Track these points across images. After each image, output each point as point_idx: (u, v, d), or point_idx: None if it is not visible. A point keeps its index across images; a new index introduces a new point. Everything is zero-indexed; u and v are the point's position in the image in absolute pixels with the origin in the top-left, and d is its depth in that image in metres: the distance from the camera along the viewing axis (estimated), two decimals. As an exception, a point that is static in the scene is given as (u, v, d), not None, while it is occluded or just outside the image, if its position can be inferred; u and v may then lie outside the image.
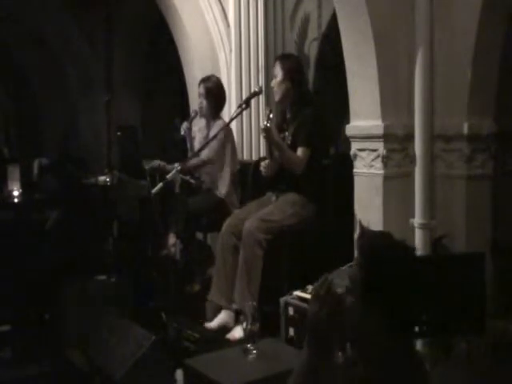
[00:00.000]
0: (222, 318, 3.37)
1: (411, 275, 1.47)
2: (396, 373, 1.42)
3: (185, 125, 4.11)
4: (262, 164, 3.54)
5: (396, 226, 3.02)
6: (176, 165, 3.25)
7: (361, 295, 1.45)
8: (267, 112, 3.31)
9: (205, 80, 4.07)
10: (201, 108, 4.05)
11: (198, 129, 4.19)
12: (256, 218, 3.29)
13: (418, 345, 2.70)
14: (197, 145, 4.09)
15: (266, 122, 3.25)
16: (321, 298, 1.52)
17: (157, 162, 4.01)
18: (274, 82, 3.54)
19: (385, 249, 1.49)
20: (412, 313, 1.50)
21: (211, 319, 3.41)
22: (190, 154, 4.08)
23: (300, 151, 3.39)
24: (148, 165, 4.04)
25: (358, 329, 1.46)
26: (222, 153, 3.97)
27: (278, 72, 3.51)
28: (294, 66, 3.56)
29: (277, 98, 3.55)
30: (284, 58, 3.63)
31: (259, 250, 3.25)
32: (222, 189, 3.97)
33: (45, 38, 7.06)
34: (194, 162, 3.93)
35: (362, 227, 1.66)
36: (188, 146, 4.16)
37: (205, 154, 3.92)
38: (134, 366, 2.73)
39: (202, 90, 4.04)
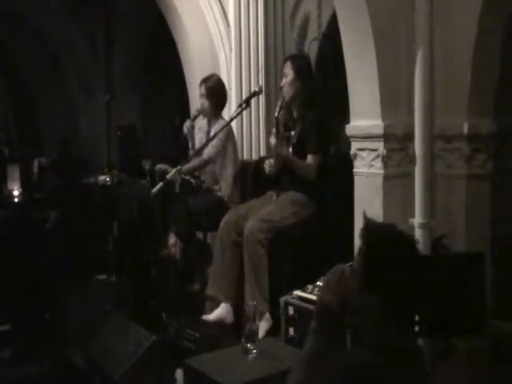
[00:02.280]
0: (220, 311, 3.38)
1: (412, 265, 1.49)
2: (396, 359, 1.43)
3: (188, 123, 4.12)
4: (267, 162, 3.56)
5: (396, 225, 3.02)
6: (178, 167, 3.26)
7: (363, 283, 1.47)
8: (279, 103, 3.37)
9: (205, 80, 4.07)
10: (203, 108, 4.06)
11: (198, 128, 4.19)
12: (256, 219, 3.30)
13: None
14: (197, 144, 4.09)
15: (276, 114, 3.41)
16: (332, 287, 1.53)
17: (164, 167, 4.01)
18: (284, 82, 3.55)
19: (387, 239, 1.51)
20: (412, 302, 1.51)
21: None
22: (191, 152, 4.08)
23: (310, 158, 3.44)
24: (150, 166, 4.05)
25: (360, 315, 1.48)
26: (224, 152, 3.97)
27: (289, 71, 3.52)
28: (304, 66, 3.59)
29: (287, 97, 3.54)
30: (295, 58, 3.65)
31: (261, 248, 3.26)
32: (225, 188, 3.98)
33: (45, 37, 7.06)
34: (195, 163, 3.94)
35: (366, 218, 1.66)
36: (190, 144, 4.16)
37: (206, 153, 3.93)
38: (133, 366, 2.73)
39: (202, 90, 4.04)
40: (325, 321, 1.53)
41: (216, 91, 4.03)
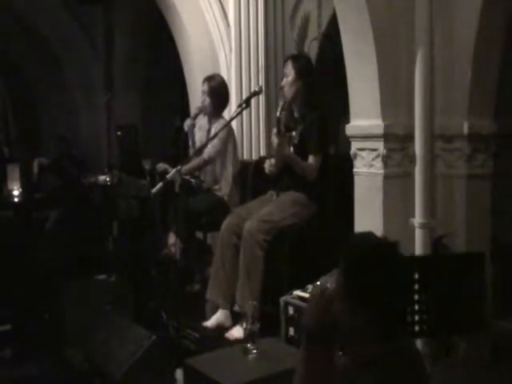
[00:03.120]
0: (219, 317, 3.37)
1: (396, 269, 1.47)
2: (388, 370, 1.43)
3: (188, 121, 4.11)
4: (267, 162, 3.55)
5: (396, 225, 3.02)
6: (178, 167, 3.26)
7: (344, 296, 1.46)
8: (281, 104, 3.37)
9: (209, 78, 4.07)
10: (204, 106, 4.05)
11: (198, 127, 4.18)
12: (256, 219, 3.29)
13: (418, 344, 2.70)
14: (197, 142, 4.09)
15: (278, 114, 3.39)
16: (313, 309, 1.52)
17: (164, 166, 4.01)
18: (285, 81, 3.54)
19: (363, 249, 1.50)
20: (398, 309, 1.50)
21: (210, 318, 3.41)
22: (191, 151, 4.08)
23: (311, 159, 3.43)
24: (150, 166, 4.05)
25: (347, 329, 1.47)
26: (224, 152, 3.97)
27: (290, 71, 3.52)
28: (305, 66, 3.58)
29: (288, 97, 3.53)
30: (296, 58, 3.64)
31: (259, 251, 3.25)
32: (225, 188, 3.97)
33: (44, 37, 7.06)
34: (195, 163, 3.93)
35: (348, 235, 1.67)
36: (190, 143, 4.15)
37: (206, 153, 3.92)
38: (133, 366, 2.73)
39: (205, 88, 4.03)
40: (312, 344, 1.52)
41: (218, 91, 4.03)
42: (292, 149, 3.51)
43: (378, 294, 1.44)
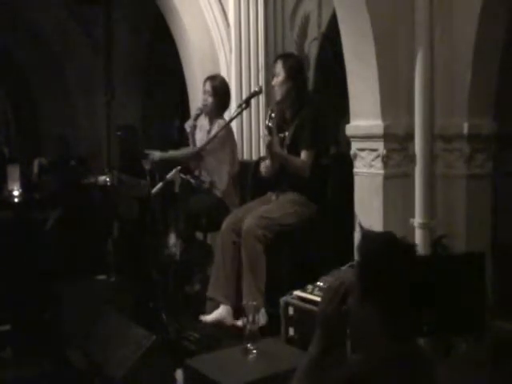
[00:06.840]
0: (220, 313, 3.37)
1: (410, 275, 1.48)
2: (396, 372, 1.43)
3: (190, 122, 4.11)
4: (262, 164, 3.55)
5: (396, 225, 3.02)
6: (178, 167, 3.26)
7: (360, 295, 1.47)
8: (269, 112, 3.34)
9: (211, 78, 4.06)
10: (205, 105, 4.04)
11: (199, 127, 4.18)
12: (255, 216, 3.30)
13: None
14: (198, 143, 4.09)
15: (267, 122, 3.31)
16: (331, 297, 1.53)
17: (157, 154, 4.01)
18: (275, 81, 3.52)
19: (384, 249, 1.50)
20: (413, 309, 1.50)
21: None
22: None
23: (304, 155, 3.40)
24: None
25: (358, 328, 1.48)
26: (221, 151, 3.96)
27: (280, 71, 3.49)
28: (295, 65, 3.55)
29: (278, 97, 3.53)
30: (286, 57, 3.61)
31: (259, 245, 3.25)
32: (220, 186, 3.95)
33: (44, 37, 7.06)
34: (186, 151, 3.93)
35: (362, 229, 1.66)
36: (191, 144, 4.15)
37: (199, 145, 3.92)
38: (133, 366, 2.73)
39: (208, 87, 4.01)
40: (322, 328, 1.53)
41: (220, 91, 4.01)
42: (285, 150, 3.50)
43: (392, 292, 1.44)
